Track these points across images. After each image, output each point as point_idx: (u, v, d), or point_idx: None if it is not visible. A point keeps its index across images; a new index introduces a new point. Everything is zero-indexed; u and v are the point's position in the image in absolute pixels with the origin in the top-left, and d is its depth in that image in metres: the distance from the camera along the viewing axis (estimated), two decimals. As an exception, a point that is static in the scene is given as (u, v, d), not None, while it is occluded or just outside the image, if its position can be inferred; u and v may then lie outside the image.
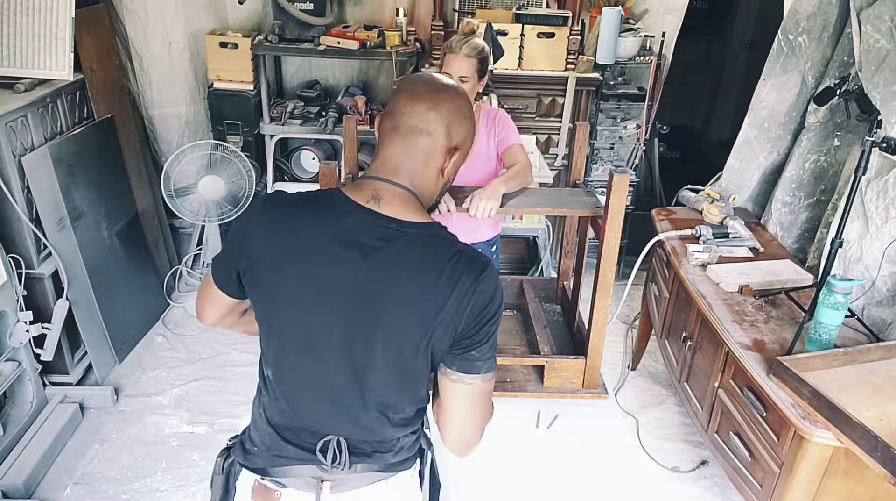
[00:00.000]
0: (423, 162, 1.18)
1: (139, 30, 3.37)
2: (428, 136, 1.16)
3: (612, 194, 1.67)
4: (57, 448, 2.62)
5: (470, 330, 1.14)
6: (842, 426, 1.68)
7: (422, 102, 1.16)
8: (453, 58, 2.13)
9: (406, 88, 1.20)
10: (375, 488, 1.25)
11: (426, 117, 1.16)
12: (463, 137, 1.20)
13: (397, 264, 1.11)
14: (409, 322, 1.12)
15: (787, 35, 2.66)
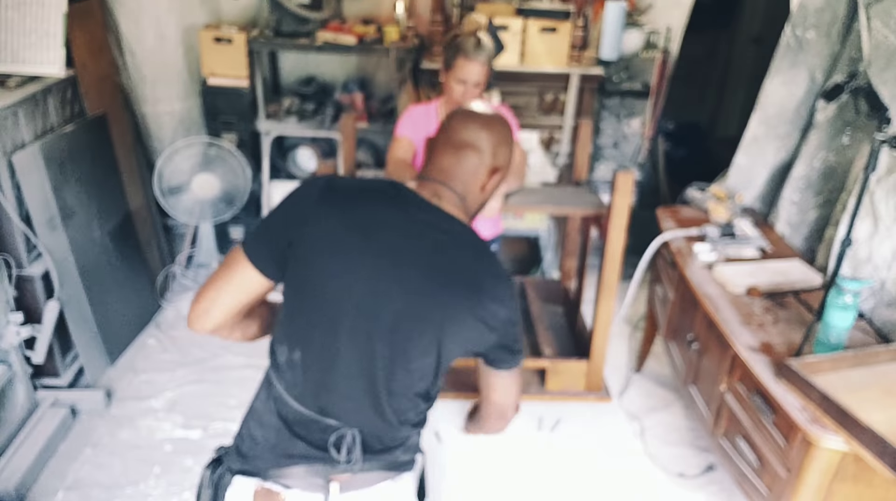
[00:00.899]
0: (472, 174, 1.28)
1: (132, 24, 3.33)
2: (477, 153, 1.27)
3: (616, 193, 1.63)
4: (48, 453, 2.58)
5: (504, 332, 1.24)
6: (851, 429, 1.65)
7: (475, 122, 1.29)
8: (469, 64, 2.09)
9: (461, 111, 1.34)
10: (383, 487, 1.25)
11: (478, 136, 1.28)
12: (505, 160, 1.31)
13: (458, 264, 1.21)
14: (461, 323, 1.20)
15: (795, 30, 2.61)
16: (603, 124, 3.65)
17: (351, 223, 1.18)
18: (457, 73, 2.12)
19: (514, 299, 1.25)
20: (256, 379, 3.10)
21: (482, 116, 1.31)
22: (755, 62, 5.51)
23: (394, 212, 1.21)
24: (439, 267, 1.19)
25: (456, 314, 1.18)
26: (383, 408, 1.20)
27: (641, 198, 3.89)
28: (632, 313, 3.67)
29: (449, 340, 1.20)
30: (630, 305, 3.60)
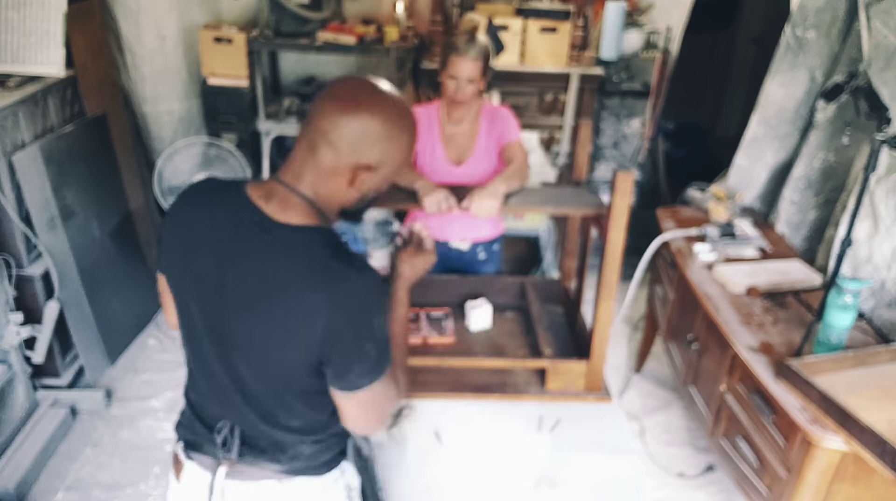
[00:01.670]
0: (326, 176, 1.12)
1: (132, 24, 3.33)
2: (332, 150, 1.10)
3: (616, 193, 1.62)
4: (48, 453, 2.58)
5: (337, 350, 1.09)
6: (851, 429, 1.65)
7: (336, 111, 1.09)
8: (460, 60, 2.10)
9: (329, 92, 1.13)
10: (267, 485, 1.25)
11: (334, 125, 1.09)
12: (379, 158, 1.12)
13: (268, 272, 1.09)
14: (274, 332, 1.11)
15: (795, 30, 2.61)
16: (603, 124, 3.65)
17: (187, 232, 1.17)
18: (449, 69, 2.13)
19: (349, 309, 1.07)
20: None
21: (349, 104, 1.10)
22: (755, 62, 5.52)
23: (219, 223, 1.14)
24: (261, 277, 1.10)
25: (265, 325, 1.11)
26: (255, 410, 1.19)
27: (641, 198, 3.89)
28: (632, 313, 3.67)
29: (278, 351, 1.12)
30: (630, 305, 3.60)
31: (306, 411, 1.20)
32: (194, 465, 1.27)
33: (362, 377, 1.12)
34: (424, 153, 2.28)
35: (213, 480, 1.23)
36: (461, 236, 2.43)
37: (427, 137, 2.27)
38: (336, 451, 1.31)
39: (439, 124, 2.28)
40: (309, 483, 1.27)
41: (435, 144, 2.27)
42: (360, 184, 1.14)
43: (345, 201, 1.18)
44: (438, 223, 2.40)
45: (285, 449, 1.23)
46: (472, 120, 2.26)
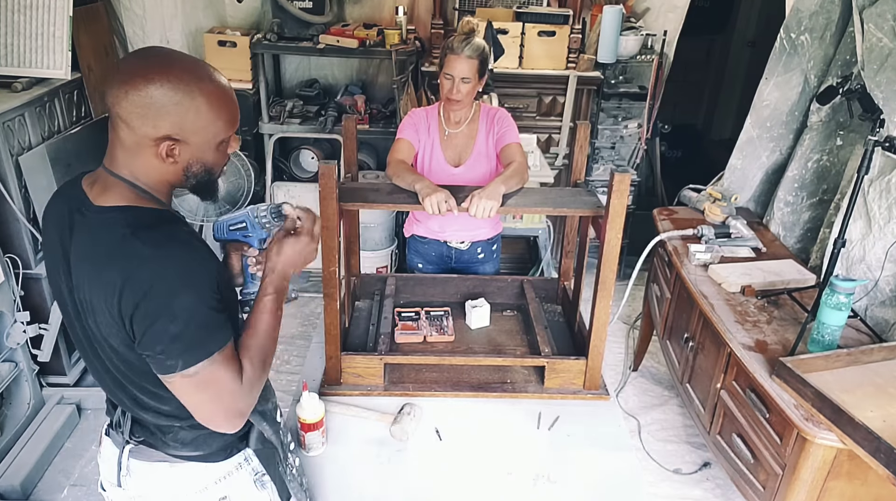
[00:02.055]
0: (133, 153, 1.12)
1: (137, 28, 3.36)
2: (126, 126, 1.09)
3: (613, 194, 1.65)
4: (54, 450, 2.61)
5: (138, 329, 1.08)
6: (844, 427, 1.67)
7: (118, 86, 1.07)
8: (455, 59, 2.13)
9: (116, 68, 1.12)
10: (159, 467, 1.28)
11: (121, 105, 1.07)
12: (177, 126, 1.10)
13: (79, 251, 1.11)
14: (96, 314, 1.11)
15: (790, 34, 2.64)
16: (600, 126, 3.68)
17: (45, 231, 1.23)
18: (445, 68, 2.16)
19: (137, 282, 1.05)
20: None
21: (128, 71, 1.08)
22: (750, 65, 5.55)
23: (61, 207, 1.18)
24: (76, 258, 1.12)
25: (90, 304, 1.10)
26: (126, 393, 1.22)
27: (638, 199, 3.92)
28: (629, 312, 3.70)
29: (104, 333, 1.13)
30: (627, 304, 3.63)
31: (171, 395, 1.15)
32: (109, 441, 1.32)
33: (171, 358, 1.08)
34: (423, 154, 2.30)
35: (121, 456, 1.28)
36: (460, 236, 2.46)
37: (426, 138, 2.30)
38: (231, 438, 1.30)
39: (438, 126, 2.30)
40: (205, 469, 1.29)
41: (433, 145, 2.30)
42: (175, 156, 1.12)
43: (170, 178, 1.17)
44: (438, 223, 2.43)
45: (166, 433, 1.25)
46: (471, 122, 2.29)
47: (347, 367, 1.88)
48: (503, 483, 1.63)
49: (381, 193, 1.90)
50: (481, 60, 2.16)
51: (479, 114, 2.29)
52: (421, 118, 2.29)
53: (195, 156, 1.15)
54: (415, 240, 2.56)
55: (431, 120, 2.30)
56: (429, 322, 2.10)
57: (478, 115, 2.29)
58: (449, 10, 3.65)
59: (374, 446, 1.72)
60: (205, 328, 1.10)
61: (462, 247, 2.49)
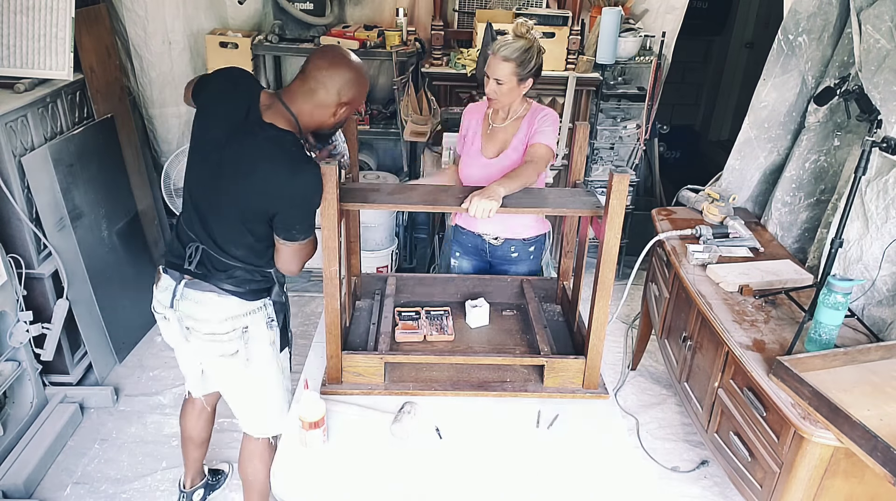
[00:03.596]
0: (318, 107, 1.70)
1: (139, 30, 3.37)
2: (321, 86, 1.68)
3: (612, 194, 1.66)
4: (57, 448, 2.62)
5: (285, 211, 1.66)
6: (842, 425, 1.68)
7: (323, 61, 1.68)
8: (492, 60, 2.13)
9: (319, 52, 1.72)
10: (207, 297, 1.79)
11: (320, 73, 1.67)
12: (353, 97, 1.71)
13: (246, 140, 1.65)
14: (247, 182, 1.65)
15: (788, 35, 2.65)
16: (599, 127, 3.69)
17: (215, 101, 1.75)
18: (486, 68, 2.18)
19: (299, 188, 1.62)
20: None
21: (333, 56, 1.69)
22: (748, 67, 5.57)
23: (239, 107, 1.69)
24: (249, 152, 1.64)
25: (244, 182, 1.65)
26: (217, 238, 1.75)
27: (637, 199, 3.94)
28: (627, 311, 3.72)
29: (244, 200, 1.67)
30: (625, 303, 3.65)
31: (249, 250, 1.76)
32: (167, 277, 1.84)
33: (300, 233, 1.71)
34: (467, 144, 2.37)
35: (177, 286, 1.81)
36: (492, 230, 2.45)
37: (475, 129, 2.35)
38: (262, 287, 1.85)
39: (484, 120, 2.34)
40: (240, 303, 1.81)
41: (476, 136, 2.34)
42: (340, 116, 1.73)
43: (323, 126, 1.75)
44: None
45: (225, 270, 1.78)
46: (517, 119, 2.28)
47: (348, 366, 1.90)
48: (503, 482, 1.64)
49: (382, 193, 1.91)
50: (520, 63, 2.11)
51: (527, 112, 2.29)
52: (472, 113, 2.40)
53: (344, 118, 1.76)
54: (457, 230, 2.57)
55: (480, 114, 2.37)
56: (429, 322, 2.11)
57: (525, 113, 2.29)
58: (449, 12, 3.66)
59: (375, 444, 1.74)
60: (313, 220, 1.71)
61: (496, 243, 2.47)
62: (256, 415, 2.01)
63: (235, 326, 1.82)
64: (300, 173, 1.62)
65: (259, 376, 1.92)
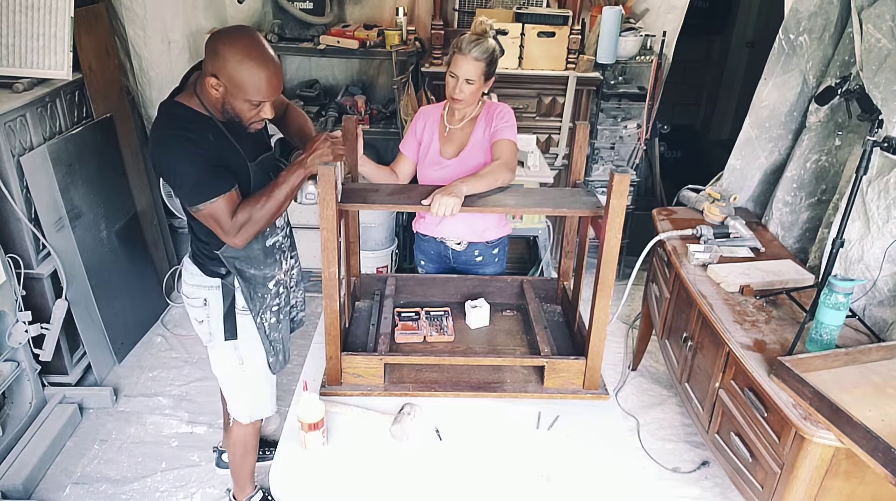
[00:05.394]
0: (202, 80, 1.71)
1: (138, 29, 3.36)
2: (205, 60, 1.69)
3: (613, 194, 1.65)
4: (56, 449, 2.62)
5: (167, 178, 1.75)
6: (843, 426, 1.68)
7: (212, 36, 1.68)
8: (462, 59, 2.13)
9: (222, 29, 1.72)
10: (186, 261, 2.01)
11: (206, 47, 1.68)
12: (228, 75, 1.64)
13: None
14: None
15: (788, 34, 2.65)
16: (600, 127, 3.68)
17: None
18: (451, 66, 2.17)
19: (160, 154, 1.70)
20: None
21: (222, 29, 1.71)
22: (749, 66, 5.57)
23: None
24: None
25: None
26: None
27: (638, 199, 3.93)
28: (628, 311, 3.71)
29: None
30: (626, 304, 3.64)
31: (194, 224, 1.87)
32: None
33: (194, 198, 1.71)
34: (423, 148, 2.35)
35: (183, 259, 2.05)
36: (454, 234, 2.45)
37: (428, 133, 2.33)
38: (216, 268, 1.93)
39: (440, 122, 2.33)
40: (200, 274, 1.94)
41: (433, 139, 2.33)
42: (216, 89, 1.67)
43: (214, 103, 1.72)
44: (434, 219, 2.43)
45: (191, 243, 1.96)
46: (472, 119, 2.30)
47: (348, 367, 1.89)
48: (503, 483, 1.64)
49: (381, 193, 1.91)
50: (489, 62, 2.16)
51: (481, 111, 2.30)
52: (425, 115, 2.35)
53: (227, 98, 1.69)
54: (418, 237, 2.58)
55: (436, 116, 2.34)
56: (429, 322, 2.10)
57: (480, 111, 2.30)
58: (449, 11, 3.66)
59: (375, 446, 1.73)
60: (201, 185, 1.70)
61: (458, 248, 2.48)
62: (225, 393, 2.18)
63: (197, 295, 1.97)
64: (157, 142, 1.70)
65: (215, 355, 2.06)
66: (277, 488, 1.61)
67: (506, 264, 2.63)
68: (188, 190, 1.71)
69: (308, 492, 1.61)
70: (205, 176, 1.69)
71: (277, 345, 2.09)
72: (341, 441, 1.74)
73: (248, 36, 1.66)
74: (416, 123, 2.38)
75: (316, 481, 1.63)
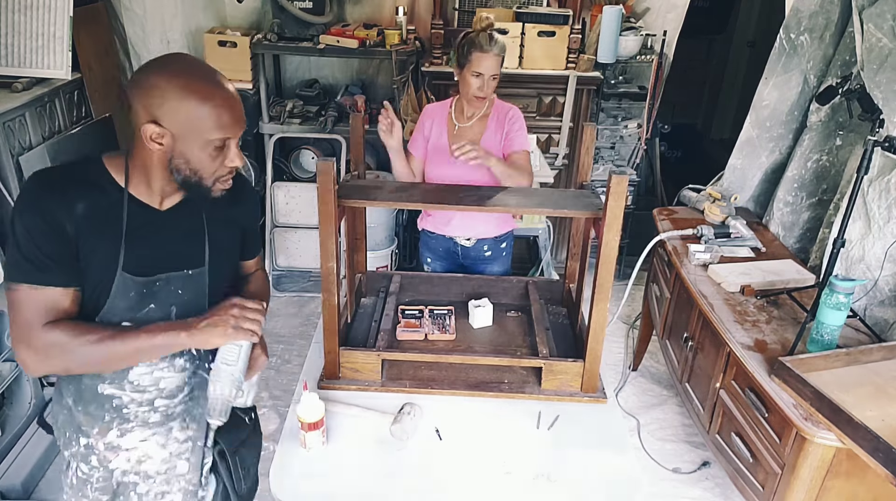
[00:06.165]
0: (132, 136, 1.24)
1: (137, 29, 3.36)
2: (130, 110, 1.22)
3: (611, 196, 1.65)
4: (55, 449, 2.60)
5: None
6: (843, 426, 1.68)
7: (136, 73, 1.24)
8: (484, 57, 2.14)
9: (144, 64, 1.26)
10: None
11: (131, 89, 1.22)
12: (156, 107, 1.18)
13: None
14: None
15: (789, 34, 2.65)
16: (600, 127, 3.68)
17: None
18: (473, 66, 2.16)
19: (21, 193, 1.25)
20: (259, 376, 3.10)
21: (145, 65, 1.22)
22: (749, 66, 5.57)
23: None
24: None
25: None
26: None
27: (638, 199, 3.93)
28: (629, 312, 3.71)
29: None
30: (626, 304, 3.64)
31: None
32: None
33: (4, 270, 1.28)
34: (431, 146, 2.34)
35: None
36: (464, 232, 2.46)
37: (436, 131, 2.32)
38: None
39: (449, 121, 2.32)
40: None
41: (441, 137, 2.32)
42: (158, 141, 1.20)
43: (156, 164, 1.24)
44: (443, 217, 2.43)
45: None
46: (482, 117, 2.30)
47: (346, 362, 1.89)
48: (503, 483, 1.63)
49: (383, 190, 1.90)
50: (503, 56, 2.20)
51: (490, 108, 2.30)
52: (432, 114, 2.35)
53: (179, 149, 1.22)
54: (425, 234, 2.57)
55: (443, 114, 2.33)
56: (431, 320, 2.10)
57: (490, 109, 2.30)
58: (449, 10, 3.65)
59: (374, 445, 1.73)
60: (21, 262, 1.21)
61: (468, 244, 2.48)
62: None
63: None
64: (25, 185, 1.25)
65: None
66: (277, 488, 1.61)
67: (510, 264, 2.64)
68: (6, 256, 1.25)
69: (308, 492, 1.60)
70: (29, 249, 1.20)
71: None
72: (341, 440, 1.74)
73: (183, 59, 1.25)
74: (422, 121, 2.37)
75: (316, 481, 1.62)
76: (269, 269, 3.79)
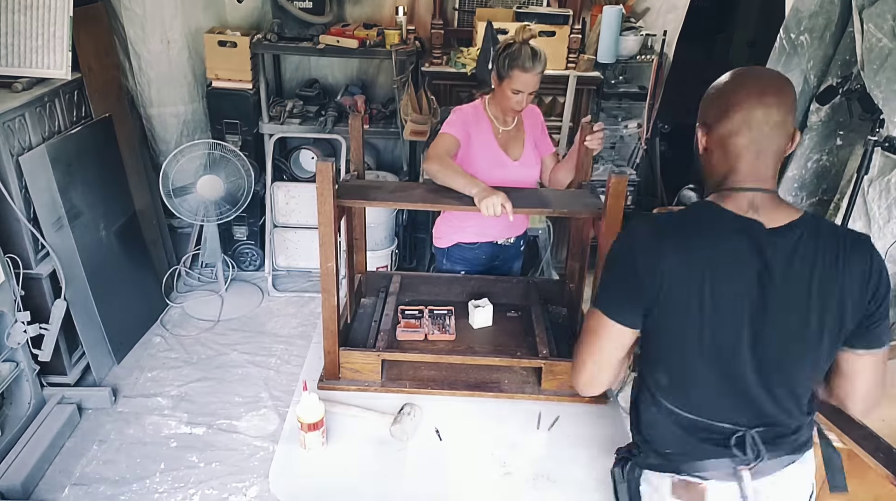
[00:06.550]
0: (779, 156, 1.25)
1: (137, 29, 3.36)
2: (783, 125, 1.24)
3: (611, 196, 1.65)
4: (55, 449, 2.61)
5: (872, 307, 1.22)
6: (844, 426, 1.68)
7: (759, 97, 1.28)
8: (524, 76, 2.09)
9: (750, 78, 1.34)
10: (791, 470, 1.31)
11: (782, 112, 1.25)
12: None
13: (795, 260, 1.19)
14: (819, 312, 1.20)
15: (790, 34, 2.64)
16: (601, 127, 3.68)
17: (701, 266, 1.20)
18: (513, 83, 2.11)
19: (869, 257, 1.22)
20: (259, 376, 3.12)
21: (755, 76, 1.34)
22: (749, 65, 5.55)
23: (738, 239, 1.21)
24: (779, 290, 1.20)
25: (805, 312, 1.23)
26: (767, 411, 1.26)
27: (638, 198, 3.92)
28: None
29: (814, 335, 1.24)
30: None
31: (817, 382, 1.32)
32: (714, 483, 1.29)
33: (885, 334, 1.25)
34: (478, 150, 2.25)
35: (742, 487, 1.27)
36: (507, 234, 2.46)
37: (479, 135, 2.25)
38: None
39: (490, 124, 2.28)
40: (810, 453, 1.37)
41: (489, 141, 2.27)
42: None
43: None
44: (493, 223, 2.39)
45: (798, 429, 1.32)
46: (519, 122, 2.33)
47: (345, 362, 1.89)
48: (503, 483, 1.63)
49: (383, 190, 1.90)
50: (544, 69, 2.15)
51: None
52: (470, 116, 2.26)
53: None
54: (460, 248, 2.46)
55: (481, 118, 2.28)
56: (431, 321, 2.10)
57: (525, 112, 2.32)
58: (449, 10, 3.65)
59: (374, 446, 1.73)
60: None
61: (509, 243, 2.49)
62: None
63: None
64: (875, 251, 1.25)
65: None
66: (277, 488, 1.61)
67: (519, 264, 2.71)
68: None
69: (308, 492, 1.60)
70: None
71: None
72: (341, 440, 1.74)
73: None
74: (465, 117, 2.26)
75: (316, 481, 1.62)
76: (268, 269, 3.80)
